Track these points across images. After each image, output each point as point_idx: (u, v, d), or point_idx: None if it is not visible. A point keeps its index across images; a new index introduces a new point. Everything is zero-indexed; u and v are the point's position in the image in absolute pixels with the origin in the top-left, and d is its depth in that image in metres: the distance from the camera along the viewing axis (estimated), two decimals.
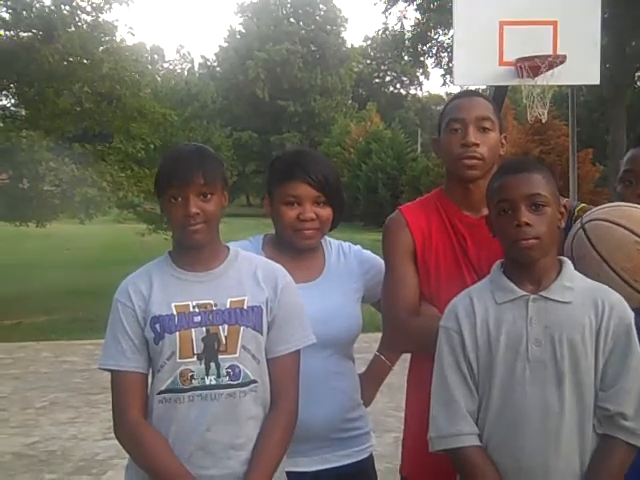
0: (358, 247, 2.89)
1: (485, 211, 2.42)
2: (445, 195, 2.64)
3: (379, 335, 2.83)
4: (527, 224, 2.13)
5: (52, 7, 15.76)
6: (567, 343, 2.12)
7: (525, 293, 2.17)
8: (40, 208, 15.54)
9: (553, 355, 2.12)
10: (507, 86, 8.90)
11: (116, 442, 2.36)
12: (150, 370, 2.36)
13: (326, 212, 2.68)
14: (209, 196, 2.29)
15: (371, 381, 2.95)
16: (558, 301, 2.15)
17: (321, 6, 64.95)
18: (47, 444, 6.51)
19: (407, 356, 2.71)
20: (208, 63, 69.34)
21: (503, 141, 2.63)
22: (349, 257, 2.81)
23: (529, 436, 2.13)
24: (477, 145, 2.51)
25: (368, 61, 72.91)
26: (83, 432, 6.75)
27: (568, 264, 2.25)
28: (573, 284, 2.19)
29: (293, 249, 2.69)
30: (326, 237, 2.81)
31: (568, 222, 2.40)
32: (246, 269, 2.39)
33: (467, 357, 2.20)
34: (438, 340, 2.26)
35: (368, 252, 2.88)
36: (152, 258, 2.45)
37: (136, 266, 2.46)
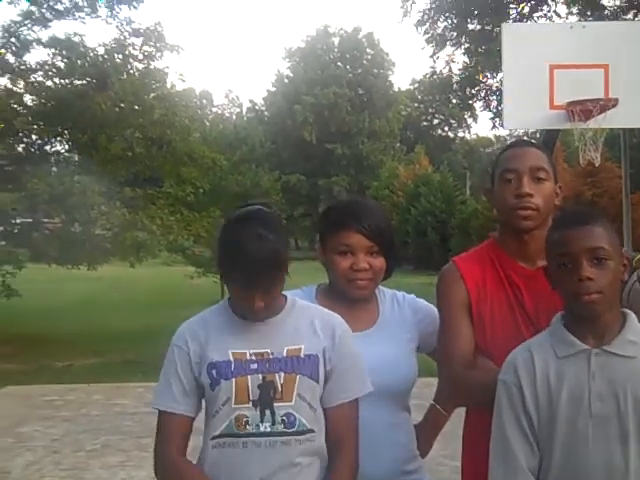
0: (412, 296, 2.86)
1: (540, 262, 2.40)
2: (499, 246, 2.61)
3: (431, 380, 2.78)
4: (589, 279, 2.08)
5: (105, 56, 16.15)
6: (632, 399, 2.06)
7: (587, 347, 2.11)
8: (91, 251, 15.78)
9: (617, 411, 2.06)
10: (558, 130, 8.84)
11: None
12: (204, 417, 2.37)
13: (379, 262, 2.66)
14: (270, 292, 2.29)
15: (428, 432, 2.90)
16: (622, 356, 2.09)
17: (368, 50, 65.41)
18: None
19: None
20: (256, 107, 70.10)
21: (558, 191, 2.58)
22: (403, 306, 2.79)
23: None
24: (531, 195, 2.47)
25: (416, 104, 73.04)
26: (133, 476, 6.75)
27: (632, 317, 2.18)
28: (638, 338, 2.13)
29: (346, 299, 2.67)
30: (380, 286, 2.78)
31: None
32: (303, 318, 2.39)
33: (527, 411, 2.13)
34: (497, 393, 2.21)
35: (422, 301, 2.85)
36: (201, 301, 2.47)
37: (185, 308, 2.48)
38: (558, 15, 23.50)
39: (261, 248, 2.22)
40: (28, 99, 16.57)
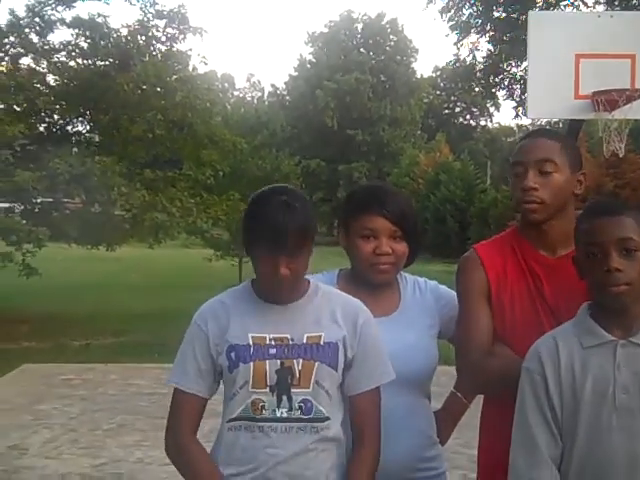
0: (434, 282, 2.84)
1: (561, 251, 2.42)
2: (520, 234, 2.58)
3: (447, 368, 2.77)
4: (618, 270, 2.05)
5: (128, 37, 16.17)
6: None
7: (613, 338, 2.08)
8: (111, 232, 15.83)
9: None
10: (582, 120, 8.74)
11: None
12: (223, 400, 2.37)
13: (402, 247, 2.65)
14: (296, 259, 2.26)
15: (447, 419, 2.89)
16: None
17: (391, 36, 65.07)
18: (114, 466, 6.56)
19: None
20: (278, 92, 69.95)
21: (581, 178, 2.54)
22: (425, 293, 2.77)
23: None
24: (536, 189, 2.45)
25: (438, 92, 72.68)
26: (149, 456, 6.76)
27: None
28: None
29: (368, 284, 2.66)
30: (402, 272, 2.77)
31: None
32: (325, 305, 2.37)
33: (550, 401, 2.11)
34: (520, 381, 2.18)
35: (444, 287, 2.83)
36: (219, 284, 2.46)
37: (203, 291, 2.46)
38: (585, 4, 23.36)
39: (287, 213, 2.21)
40: (51, 79, 16.66)
